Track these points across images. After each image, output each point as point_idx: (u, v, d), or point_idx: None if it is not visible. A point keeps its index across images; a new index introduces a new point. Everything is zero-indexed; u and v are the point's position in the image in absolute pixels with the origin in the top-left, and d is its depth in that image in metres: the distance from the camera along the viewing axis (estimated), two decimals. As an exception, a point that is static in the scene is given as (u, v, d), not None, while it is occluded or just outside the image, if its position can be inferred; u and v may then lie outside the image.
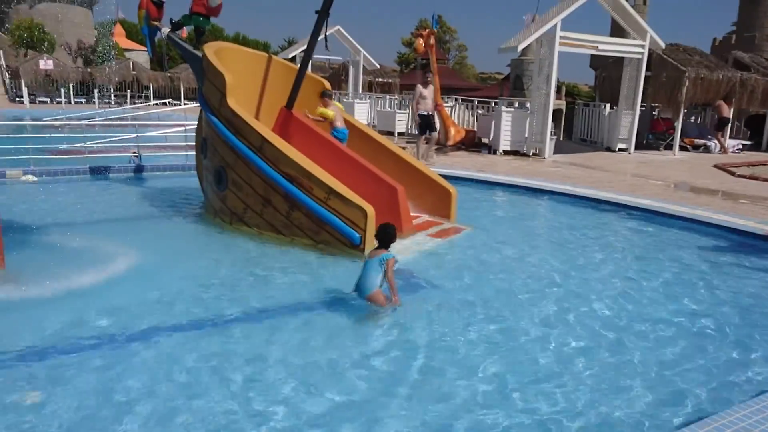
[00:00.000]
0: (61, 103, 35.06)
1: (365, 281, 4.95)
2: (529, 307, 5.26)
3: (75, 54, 47.93)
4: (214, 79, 7.53)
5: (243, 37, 70.07)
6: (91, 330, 4.46)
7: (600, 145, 19.26)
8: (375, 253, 5.04)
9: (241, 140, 7.09)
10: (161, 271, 5.93)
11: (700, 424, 3.14)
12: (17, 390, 3.57)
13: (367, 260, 5.02)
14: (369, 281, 4.93)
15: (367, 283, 4.94)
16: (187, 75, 38.25)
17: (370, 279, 4.93)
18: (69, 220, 7.81)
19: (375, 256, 4.98)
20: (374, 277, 4.92)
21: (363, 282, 4.97)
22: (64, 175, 10.92)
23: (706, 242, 7.73)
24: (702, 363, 4.26)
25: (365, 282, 4.95)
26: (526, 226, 8.74)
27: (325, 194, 6.59)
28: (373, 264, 4.94)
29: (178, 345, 4.26)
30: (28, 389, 3.59)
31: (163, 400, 3.51)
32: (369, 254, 5.09)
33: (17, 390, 3.57)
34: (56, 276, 5.34)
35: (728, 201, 10.51)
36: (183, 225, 7.92)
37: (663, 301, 5.54)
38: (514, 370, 4.05)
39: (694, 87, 18.07)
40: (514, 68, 21.61)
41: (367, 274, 4.96)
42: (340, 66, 29.20)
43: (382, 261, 4.92)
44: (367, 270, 4.97)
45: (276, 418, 3.37)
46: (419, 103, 13.26)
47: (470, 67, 73.57)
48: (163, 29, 8.89)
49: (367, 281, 4.94)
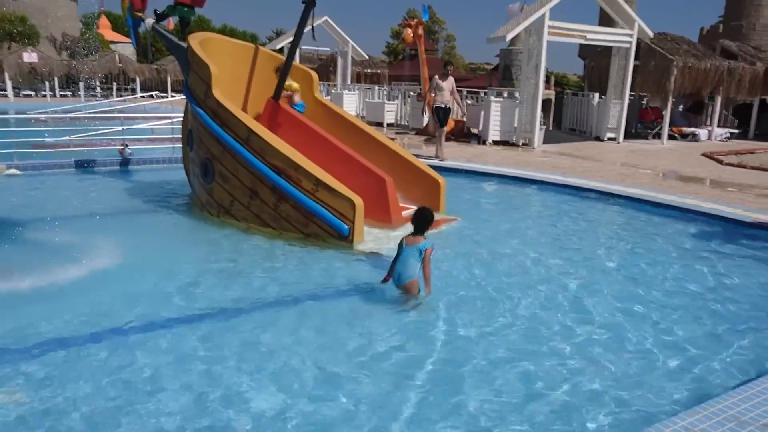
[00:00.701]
0: (46, 96, 34.63)
1: (405, 269, 4.81)
2: (517, 295, 5.23)
3: (60, 46, 47.33)
4: (200, 70, 7.43)
5: (230, 28, 69.47)
6: (73, 325, 4.39)
7: (589, 135, 19.30)
8: (412, 240, 4.86)
9: (227, 132, 7.00)
10: (147, 265, 5.85)
11: (689, 412, 3.13)
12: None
13: (405, 247, 4.84)
14: (409, 269, 4.79)
15: (407, 272, 4.80)
16: (174, 67, 37.89)
17: (410, 267, 4.79)
18: (53, 215, 7.70)
19: (413, 244, 4.82)
20: (414, 265, 4.79)
21: (402, 269, 4.82)
22: (49, 168, 10.78)
23: (695, 230, 7.75)
24: (686, 347, 4.26)
25: (405, 270, 4.81)
26: (515, 217, 8.73)
27: (313, 186, 6.53)
28: (413, 252, 4.79)
29: (166, 339, 4.20)
30: (10, 388, 3.52)
31: (150, 395, 3.45)
32: (406, 241, 4.88)
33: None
34: (38, 270, 5.27)
35: (716, 189, 10.55)
36: (169, 218, 7.84)
37: (651, 287, 5.54)
38: (500, 357, 4.03)
39: (682, 76, 18.14)
40: (503, 58, 21.55)
41: (406, 261, 4.80)
42: (329, 57, 29.04)
43: (422, 250, 4.79)
44: (405, 257, 4.81)
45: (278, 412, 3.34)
46: (436, 95, 12.67)
47: (459, 58, 73.41)
48: (148, 20, 8.76)
49: (407, 269, 4.80)
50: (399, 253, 4.90)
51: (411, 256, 4.80)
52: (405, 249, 4.85)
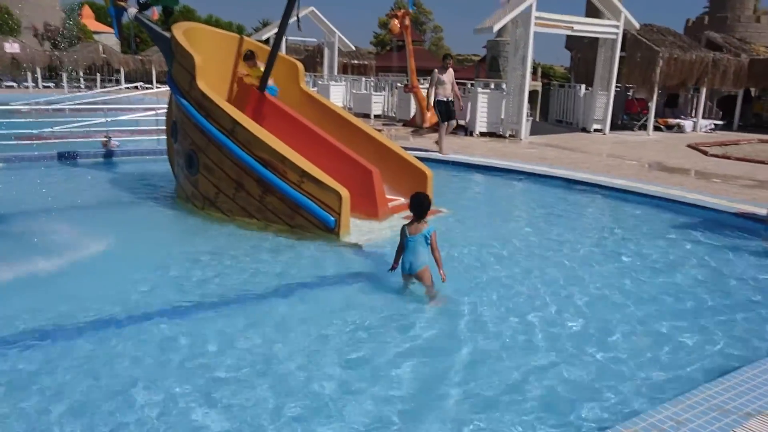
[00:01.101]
0: (29, 87, 34.12)
1: (416, 258, 4.79)
2: (504, 286, 5.24)
3: (42, 37, 46.60)
4: (184, 60, 7.34)
5: (216, 19, 68.79)
6: (52, 319, 4.32)
7: (575, 126, 19.37)
8: (416, 228, 4.82)
9: (212, 123, 6.93)
10: (130, 257, 5.79)
11: (673, 402, 3.15)
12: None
13: (410, 237, 4.80)
14: (420, 257, 4.79)
15: (418, 260, 4.79)
16: (159, 58, 37.42)
17: (420, 255, 4.78)
18: (35, 207, 7.59)
19: (418, 232, 4.79)
20: (423, 252, 4.78)
21: (413, 259, 4.79)
22: (31, 161, 10.61)
23: (679, 220, 7.80)
24: (669, 337, 4.29)
25: (416, 259, 4.79)
26: (502, 208, 8.74)
27: (298, 178, 6.49)
28: (420, 240, 4.77)
29: (148, 332, 4.15)
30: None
31: (129, 388, 3.42)
32: (409, 230, 4.84)
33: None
34: (19, 263, 5.19)
35: (701, 180, 10.63)
36: (154, 210, 7.75)
37: (634, 276, 5.57)
38: (486, 347, 4.04)
39: (668, 67, 18.22)
40: (490, 49, 21.54)
41: (415, 250, 4.78)
42: (315, 48, 28.87)
43: (428, 236, 4.79)
44: (414, 246, 4.79)
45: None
46: (437, 89, 12.19)
47: (446, 49, 73.17)
48: (131, 9, 8.63)
49: (418, 258, 4.79)
50: (404, 243, 4.85)
51: (419, 244, 4.79)
52: (410, 238, 4.81)
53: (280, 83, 8.55)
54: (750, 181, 10.55)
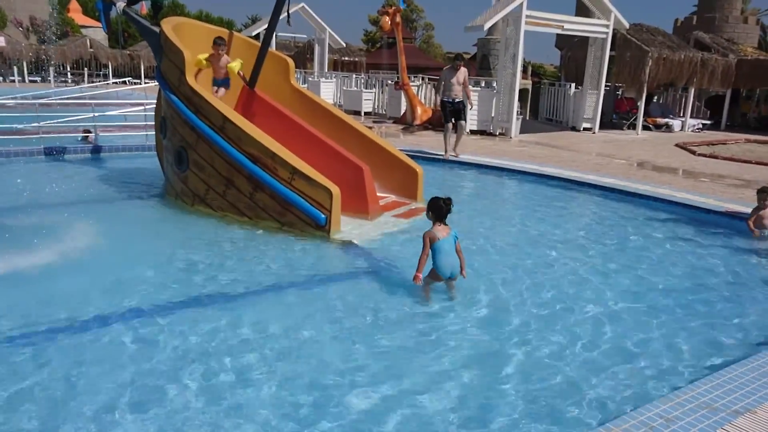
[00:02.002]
0: (14, 81, 33.72)
1: (456, 260, 4.77)
2: (496, 283, 5.25)
3: (28, 30, 46.05)
4: (173, 56, 7.27)
5: (206, 14, 68.30)
6: (37, 317, 4.27)
7: (565, 125, 19.45)
8: (444, 230, 4.77)
9: (201, 119, 6.88)
10: (117, 254, 5.74)
11: (662, 400, 3.17)
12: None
13: (443, 240, 4.71)
14: (457, 259, 4.78)
15: (457, 262, 4.78)
16: (148, 53, 37.14)
17: (456, 257, 4.77)
18: (20, 203, 7.50)
19: (448, 234, 4.76)
20: (455, 255, 4.78)
21: (454, 261, 4.76)
22: (17, 156, 10.49)
23: (668, 219, 7.86)
24: (657, 335, 4.32)
25: (455, 260, 4.77)
26: (492, 206, 8.75)
27: (289, 175, 6.46)
28: (451, 242, 4.76)
29: (132, 329, 4.12)
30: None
31: (111, 386, 3.39)
32: (439, 233, 4.73)
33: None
34: (3, 259, 5.12)
35: (689, 179, 10.71)
36: (142, 207, 7.69)
37: (622, 275, 5.60)
38: (484, 348, 4.04)
39: (657, 67, 18.33)
40: (481, 47, 21.57)
41: (451, 253, 4.74)
42: (306, 44, 28.75)
43: (457, 236, 4.81)
44: (449, 250, 4.74)
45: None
46: (444, 89, 11.69)
47: (437, 47, 73.17)
48: (119, 4, 8.54)
49: (456, 259, 4.77)
50: (436, 247, 4.71)
51: (452, 245, 4.77)
52: (443, 241, 4.73)
53: (270, 79, 8.49)
54: (737, 181, 10.65)
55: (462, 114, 11.75)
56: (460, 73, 11.66)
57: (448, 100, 11.66)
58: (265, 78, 8.29)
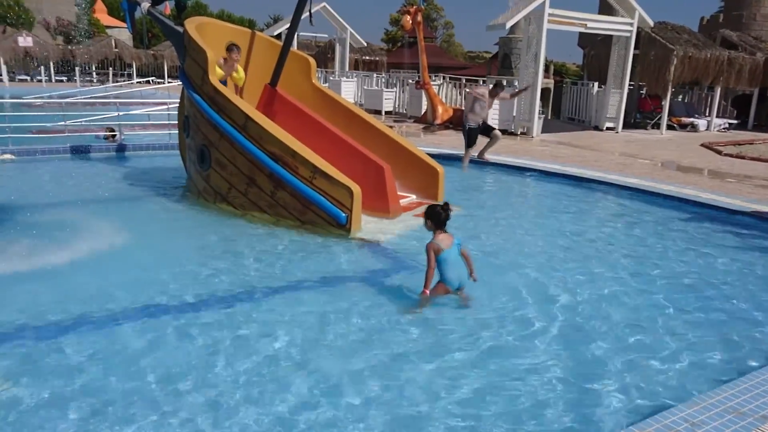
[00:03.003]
0: (42, 81, 34.35)
1: (462, 270, 4.60)
2: (518, 285, 5.21)
3: (55, 31, 46.88)
4: (196, 55, 7.34)
5: (228, 14, 68.85)
6: (67, 312, 4.34)
7: (588, 124, 19.25)
8: (447, 239, 4.59)
9: (224, 118, 6.93)
10: (141, 251, 5.81)
11: (688, 404, 3.12)
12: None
13: (447, 250, 4.53)
14: (464, 269, 4.62)
15: (464, 272, 4.62)
16: (171, 52, 37.57)
17: (464, 266, 4.62)
18: (47, 200, 7.64)
19: (451, 244, 4.58)
20: (462, 264, 4.61)
21: (461, 271, 4.59)
22: (44, 154, 10.69)
23: (693, 220, 7.73)
24: (684, 338, 4.25)
25: (462, 271, 4.61)
26: (514, 206, 8.70)
27: (310, 173, 6.48)
28: (456, 251, 4.58)
29: (159, 326, 4.16)
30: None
31: (138, 383, 3.43)
32: (443, 243, 4.55)
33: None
34: (31, 256, 5.23)
35: (715, 179, 10.53)
36: (165, 205, 7.76)
37: (649, 277, 5.52)
38: (504, 349, 4.02)
39: (682, 65, 18.05)
40: (503, 46, 21.41)
41: (458, 263, 4.58)
42: (327, 44, 28.83)
43: (461, 244, 4.65)
44: (455, 259, 4.57)
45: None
46: (470, 112, 10.82)
47: (458, 46, 72.99)
48: (144, 4, 8.65)
49: (463, 269, 4.61)
50: (442, 258, 4.54)
51: (457, 254, 4.60)
52: (449, 251, 4.55)
53: (291, 79, 8.53)
54: (765, 181, 10.44)
55: (489, 127, 11.09)
56: (492, 101, 11.03)
57: (473, 125, 10.85)
58: (287, 77, 8.33)
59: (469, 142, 10.90)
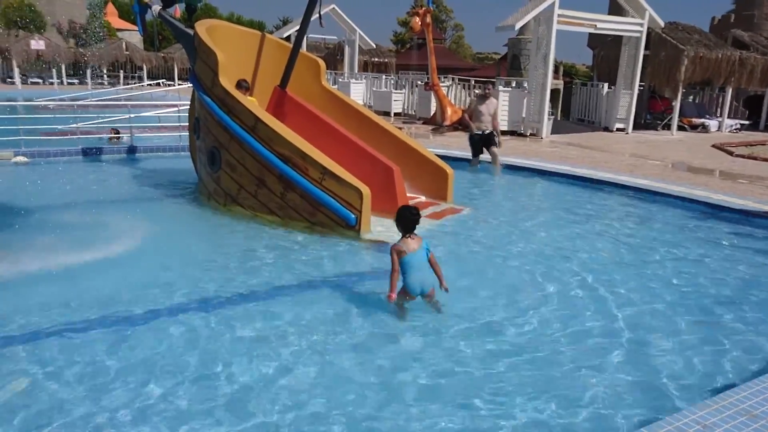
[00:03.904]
0: (54, 83, 34.67)
1: (427, 275, 4.45)
2: (530, 286, 5.20)
3: (66, 34, 47.31)
4: (206, 57, 7.38)
5: (237, 16, 69.23)
6: (78, 313, 4.38)
7: (598, 125, 19.17)
8: (412, 244, 4.42)
9: (234, 120, 6.97)
10: (152, 253, 5.84)
11: (700, 405, 3.10)
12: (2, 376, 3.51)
13: (412, 254, 4.39)
14: (429, 274, 4.46)
15: (429, 277, 4.46)
16: (181, 55, 37.84)
17: (428, 271, 4.45)
18: (60, 202, 7.70)
19: (417, 248, 4.42)
20: (429, 268, 4.46)
21: (425, 276, 4.43)
22: (56, 156, 10.79)
23: (705, 222, 7.67)
24: (695, 340, 4.22)
25: (427, 275, 4.45)
26: (523, 207, 8.67)
27: (320, 175, 6.50)
28: (422, 255, 4.43)
29: (168, 327, 4.19)
30: (14, 374, 3.52)
31: (151, 382, 3.45)
32: (407, 247, 4.40)
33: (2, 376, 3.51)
34: (44, 258, 5.26)
35: (727, 181, 10.45)
36: (176, 207, 7.82)
37: (660, 278, 5.49)
38: (517, 349, 4.01)
39: (692, 66, 17.94)
40: (512, 47, 21.37)
41: (422, 266, 4.43)
42: (336, 45, 28.89)
43: (428, 248, 4.48)
44: (420, 263, 4.42)
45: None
46: (473, 120, 10.73)
47: (467, 47, 72.93)
48: (155, 7, 8.71)
49: (429, 274, 4.46)
50: (406, 262, 4.39)
51: (423, 259, 4.45)
52: (412, 255, 4.40)
53: (301, 80, 8.56)
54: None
55: (493, 140, 10.71)
56: (490, 104, 10.78)
57: (477, 133, 10.74)
58: (296, 79, 8.36)
59: (475, 151, 10.90)
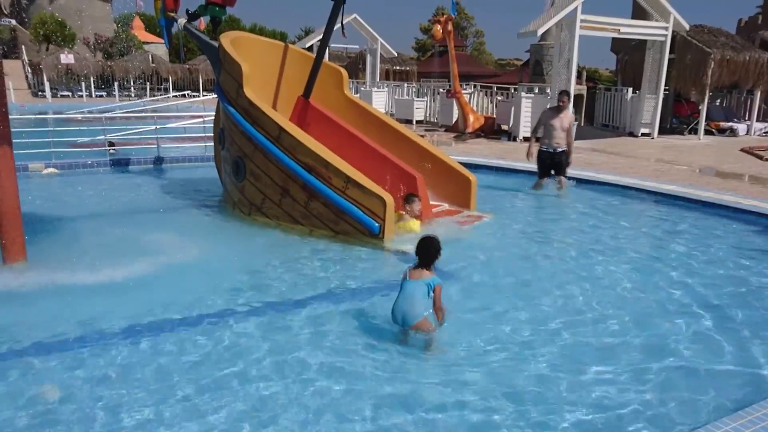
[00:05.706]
0: (83, 96, 35.44)
1: (411, 307, 4.02)
2: (554, 292, 5.15)
3: (95, 47, 48.38)
4: (231, 69, 7.49)
5: (260, 27, 70.11)
6: (114, 323, 4.46)
7: (622, 131, 18.93)
8: (417, 273, 4.09)
9: (258, 130, 7.05)
10: (182, 263, 5.91)
11: (733, 417, 3.04)
12: (35, 383, 3.58)
13: (407, 281, 4.08)
14: (416, 307, 4.01)
15: (414, 310, 4.01)
16: (206, 66, 38.40)
17: (417, 304, 4.01)
18: (90, 213, 7.86)
19: (419, 278, 4.05)
20: (420, 303, 4.02)
21: (408, 307, 4.02)
22: (85, 167, 11.03)
23: (734, 228, 7.53)
24: (730, 349, 4.14)
25: (411, 308, 4.02)
26: (547, 213, 8.60)
27: (343, 183, 6.53)
28: (419, 287, 4.02)
29: (201, 337, 4.25)
30: (46, 383, 3.59)
31: (190, 389, 3.50)
32: (409, 274, 4.12)
33: (35, 383, 3.58)
34: (77, 269, 5.36)
35: (757, 185, 10.24)
36: (202, 216, 7.92)
37: (691, 286, 5.39)
38: (543, 356, 3.98)
39: (719, 69, 17.63)
40: (534, 53, 21.29)
41: (411, 297, 4.02)
42: (358, 54, 29.05)
43: (431, 285, 4.04)
44: (409, 293, 4.04)
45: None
46: (544, 135, 9.27)
47: (488, 54, 72.78)
48: (180, 20, 8.88)
49: (414, 307, 4.01)
50: (400, 285, 4.15)
51: (417, 290, 4.02)
52: (407, 282, 4.06)
53: (324, 90, 8.64)
54: (809, 187, 10.11)
55: (563, 167, 9.34)
56: (565, 117, 9.19)
57: (546, 149, 9.27)
58: (319, 88, 8.44)
59: (540, 171, 9.55)
